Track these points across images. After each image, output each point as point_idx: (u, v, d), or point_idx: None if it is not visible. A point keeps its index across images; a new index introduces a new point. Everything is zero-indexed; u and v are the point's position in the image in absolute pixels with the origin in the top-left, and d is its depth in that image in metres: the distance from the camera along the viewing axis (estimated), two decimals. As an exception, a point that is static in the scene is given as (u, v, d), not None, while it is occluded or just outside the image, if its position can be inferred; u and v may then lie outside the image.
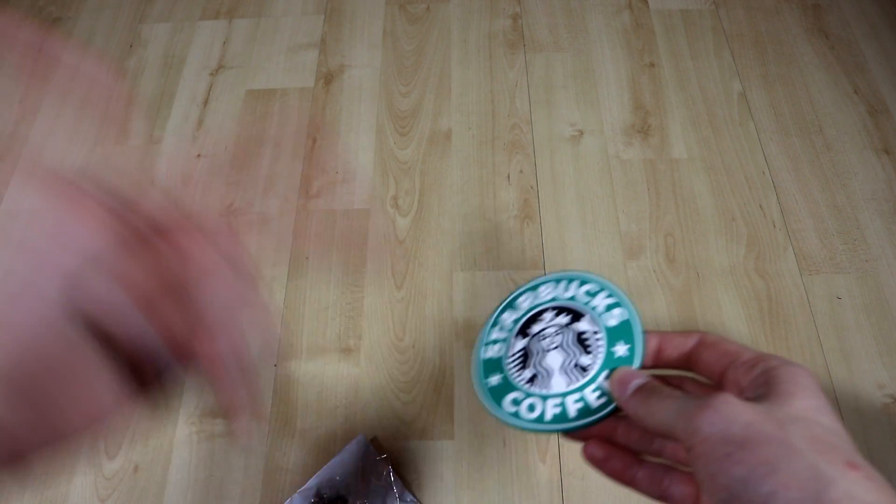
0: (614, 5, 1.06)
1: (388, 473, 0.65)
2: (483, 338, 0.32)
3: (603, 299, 0.30)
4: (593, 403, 0.28)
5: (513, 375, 0.30)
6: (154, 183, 0.22)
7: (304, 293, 0.80)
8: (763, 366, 0.25)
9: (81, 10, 1.12)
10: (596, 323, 0.30)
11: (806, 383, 0.24)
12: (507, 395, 0.30)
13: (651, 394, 0.26)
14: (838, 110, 0.92)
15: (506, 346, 0.31)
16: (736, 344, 0.27)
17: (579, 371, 0.29)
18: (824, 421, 0.22)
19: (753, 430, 0.21)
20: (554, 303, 0.31)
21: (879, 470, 0.20)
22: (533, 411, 0.29)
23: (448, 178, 0.89)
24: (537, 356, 0.30)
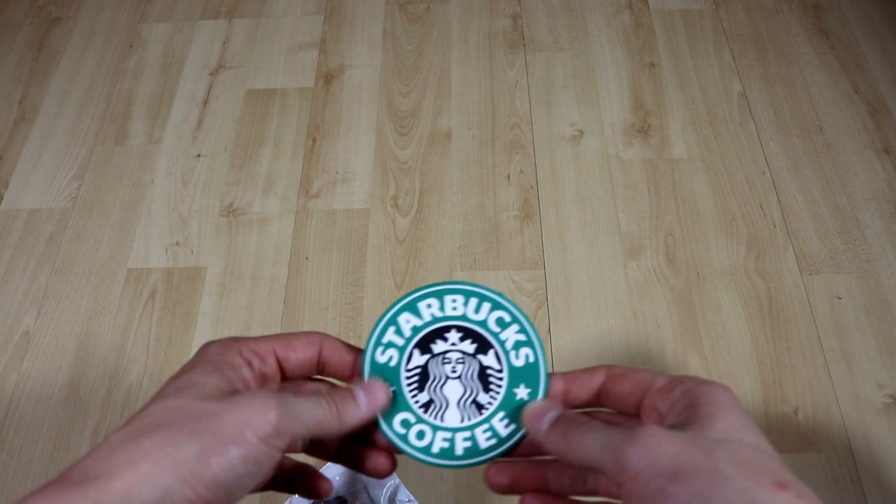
0: (614, 5, 1.06)
1: (387, 473, 0.65)
2: (375, 336, 0.29)
3: (514, 333, 0.29)
4: (482, 444, 0.28)
5: (408, 394, 0.29)
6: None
7: (304, 293, 0.80)
8: (681, 389, 0.24)
9: (81, 10, 1.12)
10: (501, 360, 0.29)
11: (725, 402, 0.23)
12: (398, 413, 0.28)
13: (569, 427, 0.25)
14: (838, 110, 0.92)
15: (401, 355, 0.29)
16: (646, 371, 0.26)
17: (475, 408, 0.28)
18: (749, 440, 0.22)
19: (682, 461, 0.21)
20: (462, 322, 0.29)
21: (880, 470, 0.20)
22: (421, 439, 0.28)
23: (448, 178, 0.89)
24: (436, 381, 0.29)
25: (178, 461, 0.22)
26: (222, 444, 0.22)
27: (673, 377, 0.25)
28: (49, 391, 0.74)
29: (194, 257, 0.83)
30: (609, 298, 0.78)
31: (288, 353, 0.28)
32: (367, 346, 0.29)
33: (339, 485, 0.65)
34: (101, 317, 0.79)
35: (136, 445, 0.22)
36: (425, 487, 0.67)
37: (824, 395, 0.70)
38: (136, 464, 0.21)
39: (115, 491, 0.21)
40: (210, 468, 0.22)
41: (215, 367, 0.25)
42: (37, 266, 0.84)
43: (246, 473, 0.23)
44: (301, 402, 0.25)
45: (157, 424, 0.23)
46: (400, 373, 0.29)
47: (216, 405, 0.23)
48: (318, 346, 0.28)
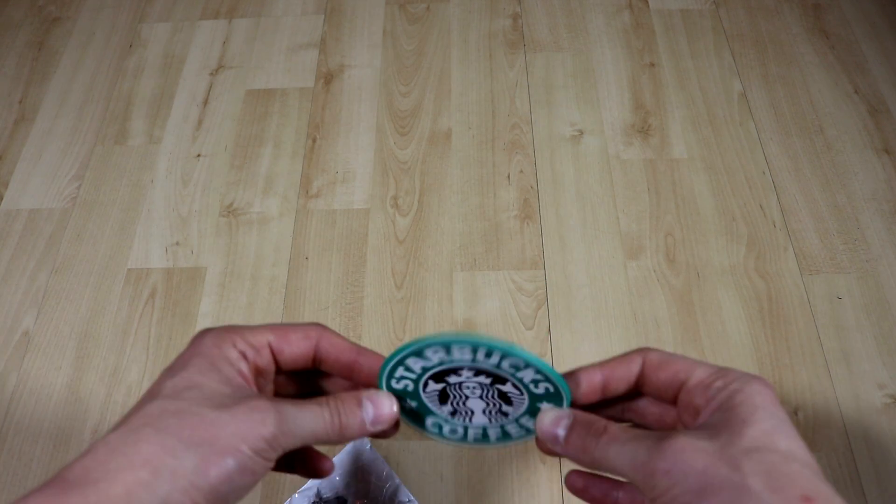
0: (614, 5, 1.06)
1: (387, 473, 0.65)
2: (386, 374, 0.28)
3: (531, 374, 0.26)
4: (514, 434, 0.28)
5: (432, 406, 0.28)
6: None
7: (304, 293, 0.80)
8: (719, 385, 0.24)
9: (81, 10, 1.12)
10: (520, 388, 0.27)
11: (760, 402, 0.23)
12: (428, 418, 0.28)
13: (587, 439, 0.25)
14: (839, 110, 0.92)
15: (416, 383, 0.28)
16: (684, 360, 0.26)
17: (501, 415, 0.28)
18: (782, 445, 0.22)
19: (709, 477, 0.21)
20: (473, 364, 0.27)
21: (880, 470, 0.20)
22: (455, 434, 0.29)
23: (448, 177, 0.89)
24: (457, 399, 0.28)
25: (176, 471, 0.22)
26: (220, 455, 0.23)
27: (711, 371, 0.25)
28: (49, 391, 0.74)
29: (194, 257, 0.83)
30: (609, 298, 0.78)
31: (283, 346, 0.27)
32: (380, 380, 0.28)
33: (340, 484, 0.65)
34: (101, 317, 0.79)
35: (134, 450, 0.22)
36: (425, 487, 0.67)
37: (824, 395, 0.70)
38: (135, 470, 0.22)
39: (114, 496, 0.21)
40: (208, 479, 0.22)
41: (212, 363, 0.25)
42: (37, 266, 0.84)
43: (241, 483, 0.23)
44: (301, 414, 0.25)
45: (155, 429, 0.23)
46: (419, 393, 0.28)
47: (215, 414, 0.23)
48: (314, 342, 0.28)
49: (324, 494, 0.64)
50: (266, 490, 0.67)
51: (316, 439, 0.26)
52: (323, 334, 0.28)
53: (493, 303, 0.78)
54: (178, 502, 0.22)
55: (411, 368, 0.27)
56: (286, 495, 0.66)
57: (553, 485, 0.67)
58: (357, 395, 0.27)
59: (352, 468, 0.66)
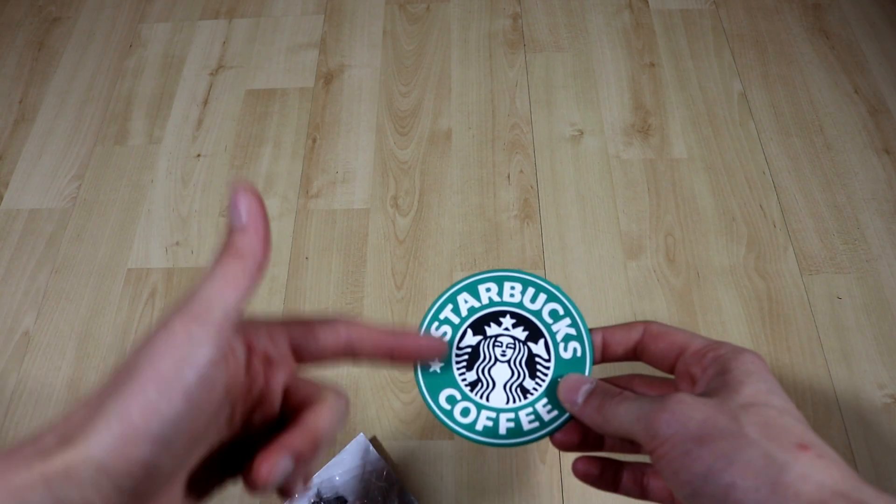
0: (614, 5, 1.06)
1: (388, 473, 0.65)
2: (433, 311, 0.30)
3: (565, 327, 0.30)
4: (525, 426, 0.28)
5: (456, 371, 0.29)
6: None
7: (304, 293, 0.80)
8: (713, 355, 0.25)
9: (81, 10, 1.12)
10: (550, 350, 0.29)
11: (754, 369, 0.24)
12: (444, 389, 0.29)
13: (604, 400, 0.26)
14: (839, 110, 0.92)
15: (454, 333, 0.30)
16: (682, 332, 0.27)
17: (521, 393, 0.29)
18: (775, 402, 0.23)
19: (708, 426, 0.22)
20: (517, 309, 0.30)
21: (880, 470, 0.21)
22: (466, 416, 0.29)
23: (448, 177, 0.89)
24: (485, 362, 0.30)
25: None
26: None
27: (707, 342, 0.26)
28: (49, 391, 0.74)
29: (194, 257, 0.83)
30: (609, 298, 0.78)
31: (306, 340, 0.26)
32: (424, 318, 0.30)
33: (340, 484, 0.65)
34: (101, 317, 0.79)
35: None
36: (425, 487, 0.67)
37: (824, 395, 0.70)
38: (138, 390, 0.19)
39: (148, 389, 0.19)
40: None
41: None
42: (37, 266, 0.84)
43: None
44: None
45: None
46: (451, 349, 0.30)
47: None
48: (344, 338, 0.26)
49: (324, 494, 0.64)
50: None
51: None
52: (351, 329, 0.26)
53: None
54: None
55: (458, 309, 0.30)
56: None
57: (553, 485, 0.67)
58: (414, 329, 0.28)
59: (352, 468, 0.66)
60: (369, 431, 0.70)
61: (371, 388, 0.73)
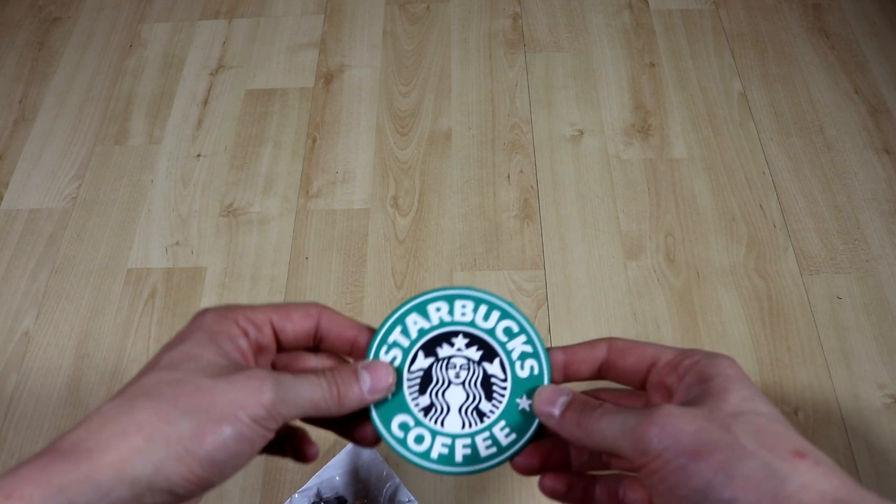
0: (614, 5, 1.06)
1: (387, 473, 0.65)
2: (381, 335, 0.29)
3: (521, 344, 0.28)
4: (482, 452, 0.27)
5: (408, 396, 0.28)
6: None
7: (304, 293, 0.80)
8: (688, 363, 0.25)
9: (81, 10, 1.12)
10: (506, 370, 0.28)
11: (733, 374, 0.24)
12: (396, 415, 0.28)
13: (583, 413, 0.25)
14: (839, 110, 0.92)
15: (405, 356, 0.28)
16: (650, 345, 0.26)
17: (477, 416, 0.28)
18: (762, 409, 0.22)
19: (702, 438, 0.21)
20: (470, 328, 0.29)
21: (880, 470, 0.21)
22: (420, 444, 0.28)
23: (448, 177, 0.89)
24: (439, 385, 0.28)
25: (171, 438, 0.21)
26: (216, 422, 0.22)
27: (677, 351, 0.26)
28: (49, 391, 0.74)
29: (194, 257, 0.83)
30: (609, 298, 0.78)
31: (284, 324, 0.27)
32: (371, 344, 0.29)
33: (340, 484, 0.65)
34: (101, 317, 0.79)
35: (129, 418, 0.22)
36: (425, 487, 0.67)
37: (824, 395, 0.70)
38: (128, 437, 0.21)
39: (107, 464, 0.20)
40: (204, 446, 0.22)
41: (211, 337, 0.25)
42: (37, 266, 0.84)
43: (239, 452, 0.23)
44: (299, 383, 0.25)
45: (150, 398, 0.22)
46: (402, 374, 0.28)
47: (211, 382, 0.23)
48: (315, 319, 0.28)
49: (324, 494, 0.64)
50: (266, 490, 0.67)
51: (315, 409, 0.25)
52: (323, 312, 0.28)
53: (493, 303, 0.78)
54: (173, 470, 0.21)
55: (407, 331, 0.28)
56: (286, 495, 0.66)
57: (553, 485, 0.67)
58: (353, 365, 0.27)
59: (352, 468, 0.66)
60: (369, 431, 0.70)
61: (371, 388, 0.73)
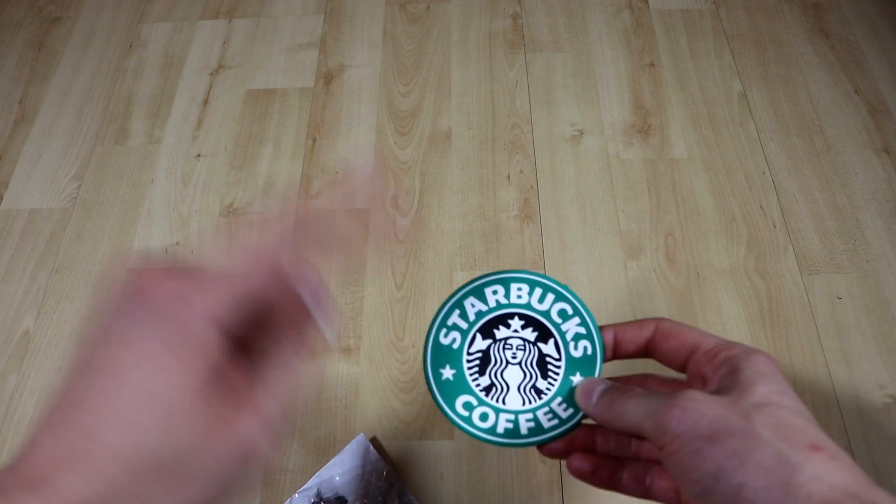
0: (614, 5, 1.06)
1: (388, 473, 0.65)
2: (441, 317, 0.30)
3: (574, 326, 0.30)
4: (545, 424, 0.29)
5: (469, 377, 0.29)
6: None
7: (304, 293, 0.80)
8: (725, 355, 0.25)
9: (81, 10, 1.12)
10: (560, 350, 0.29)
11: (766, 370, 0.24)
12: (459, 396, 0.29)
13: (615, 397, 0.26)
14: (839, 110, 0.92)
15: (464, 338, 0.30)
16: (695, 331, 0.27)
17: (535, 394, 0.29)
18: (787, 403, 0.22)
19: (720, 424, 0.21)
20: (525, 311, 0.30)
21: (880, 470, 0.21)
22: (485, 421, 0.29)
23: (448, 178, 0.89)
24: (497, 366, 0.29)
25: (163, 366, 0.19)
26: None
27: (719, 342, 0.26)
28: (49, 391, 0.74)
29: (194, 257, 0.83)
30: (609, 298, 0.78)
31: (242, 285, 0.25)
32: (431, 326, 0.30)
33: (340, 484, 0.65)
34: (101, 317, 0.79)
35: None
36: (425, 487, 0.67)
37: (824, 395, 0.70)
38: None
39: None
40: None
41: None
42: (37, 266, 0.84)
43: None
44: None
45: None
46: (462, 356, 0.30)
47: None
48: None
49: (324, 494, 0.64)
50: (266, 490, 0.67)
51: None
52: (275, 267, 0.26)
53: (493, 303, 0.78)
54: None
55: (465, 314, 0.30)
56: (286, 495, 0.66)
57: (553, 485, 0.67)
58: None
59: (352, 468, 0.66)
60: (369, 431, 0.70)
61: (371, 389, 0.73)
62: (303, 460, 0.69)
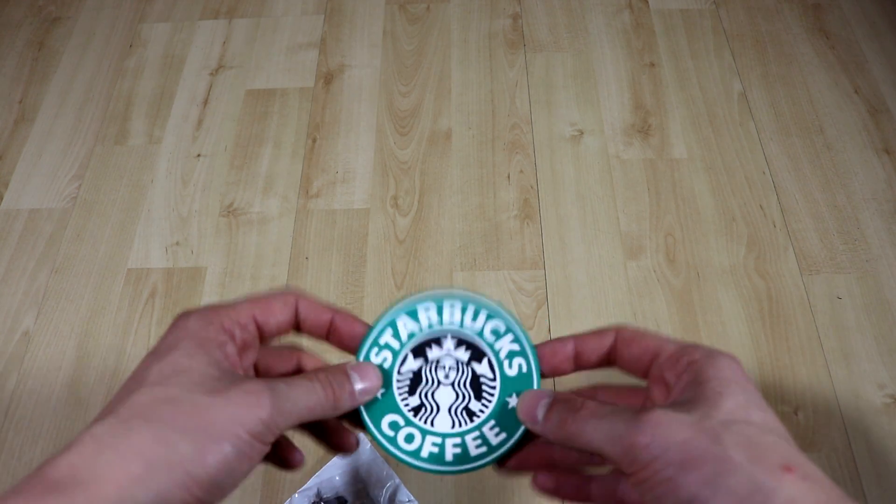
0: (614, 5, 1.06)
1: (387, 473, 0.65)
2: (373, 337, 0.29)
3: (508, 343, 0.29)
4: (472, 451, 0.28)
5: (398, 397, 0.29)
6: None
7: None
8: (686, 360, 0.24)
9: (81, 10, 1.12)
10: (494, 369, 0.29)
11: (731, 375, 0.23)
12: (386, 415, 0.28)
13: (566, 414, 0.25)
14: (839, 110, 0.92)
15: (395, 358, 0.29)
16: (656, 337, 0.26)
17: (466, 415, 0.28)
18: (756, 417, 0.22)
19: (691, 449, 0.21)
20: (458, 331, 0.29)
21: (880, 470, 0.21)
22: (410, 443, 0.28)
23: (448, 178, 0.89)
24: (428, 386, 0.29)
25: (172, 462, 0.21)
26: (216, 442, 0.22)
27: (680, 346, 0.25)
28: (49, 391, 0.74)
29: (194, 257, 0.83)
30: (609, 298, 0.78)
31: (267, 317, 0.27)
32: (362, 344, 0.29)
33: (340, 484, 0.65)
34: (101, 317, 0.79)
35: (126, 443, 0.21)
36: (425, 487, 0.67)
37: (824, 395, 0.70)
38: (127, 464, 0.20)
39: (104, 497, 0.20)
40: (206, 468, 0.21)
41: (200, 345, 0.24)
42: (37, 266, 0.84)
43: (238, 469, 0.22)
44: (294, 391, 0.24)
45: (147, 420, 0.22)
46: (392, 375, 0.29)
47: (209, 399, 0.22)
48: (293, 307, 0.28)
49: (324, 494, 0.64)
50: (266, 490, 0.67)
51: (311, 414, 0.25)
52: (299, 298, 0.28)
53: (493, 303, 0.78)
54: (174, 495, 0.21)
55: (398, 334, 0.29)
56: (286, 495, 0.66)
57: (553, 485, 0.67)
58: (343, 366, 0.27)
59: (352, 468, 0.66)
60: (369, 431, 0.70)
61: (371, 388, 0.73)
62: (303, 460, 0.68)
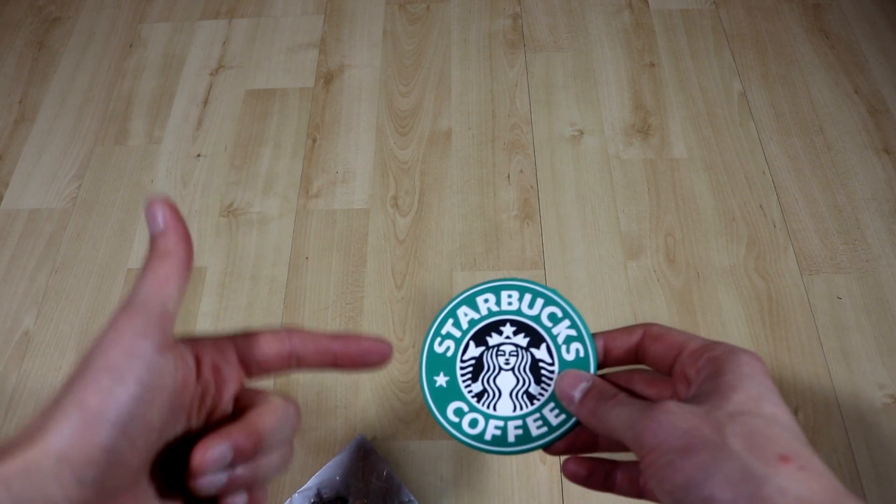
0: (614, 5, 1.06)
1: (388, 473, 0.65)
2: (435, 327, 0.31)
3: (565, 329, 0.30)
4: (534, 432, 0.29)
5: (461, 384, 0.30)
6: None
7: (304, 293, 0.80)
8: (708, 356, 0.25)
9: (81, 10, 1.12)
10: (553, 354, 0.30)
11: (748, 371, 0.24)
12: (451, 402, 0.30)
13: (598, 402, 0.26)
14: (839, 110, 0.92)
15: (457, 346, 0.31)
16: (682, 334, 0.27)
17: (528, 399, 0.29)
18: (765, 410, 0.23)
19: (692, 437, 0.22)
20: (516, 317, 0.31)
21: (880, 470, 0.20)
22: (474, 427, 0.29)
23: (448, 177, 0.89)
24: (490, 372, 0.30)
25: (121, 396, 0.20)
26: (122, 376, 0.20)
27: (704, 343, 0.26)
28: (49, 391, 0.74)
29: (194, 257, 0.83)
30: (609, 298, 0.78)
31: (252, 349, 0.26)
32: (426, 336, 0.31)
33: (340, 484, 0.65)
34: (101, 317, 0.79)
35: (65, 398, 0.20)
36: (425, 487, 0.67)
37: (824, 395, 0.70)
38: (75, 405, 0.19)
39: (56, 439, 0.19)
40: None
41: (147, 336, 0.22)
42: (37, 266, 0.84)
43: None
44: None
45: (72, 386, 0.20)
46: (455, 363, 0.30)
47: None
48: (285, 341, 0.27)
49: (324, 494, 0.64)
50: (266, 490, 0.67)
51: None
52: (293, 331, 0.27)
53: (493, 303, 0.78)
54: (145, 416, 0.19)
55: (459, 323, 0.31)
56: (286, 495, 0.66)
57: (553, 485, 0.67)
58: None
59: (352, 468, 0.66)
60: (370, 431, 0.70)
61: (371, 389, 0.73)
62: (303, 460, 0.69)
